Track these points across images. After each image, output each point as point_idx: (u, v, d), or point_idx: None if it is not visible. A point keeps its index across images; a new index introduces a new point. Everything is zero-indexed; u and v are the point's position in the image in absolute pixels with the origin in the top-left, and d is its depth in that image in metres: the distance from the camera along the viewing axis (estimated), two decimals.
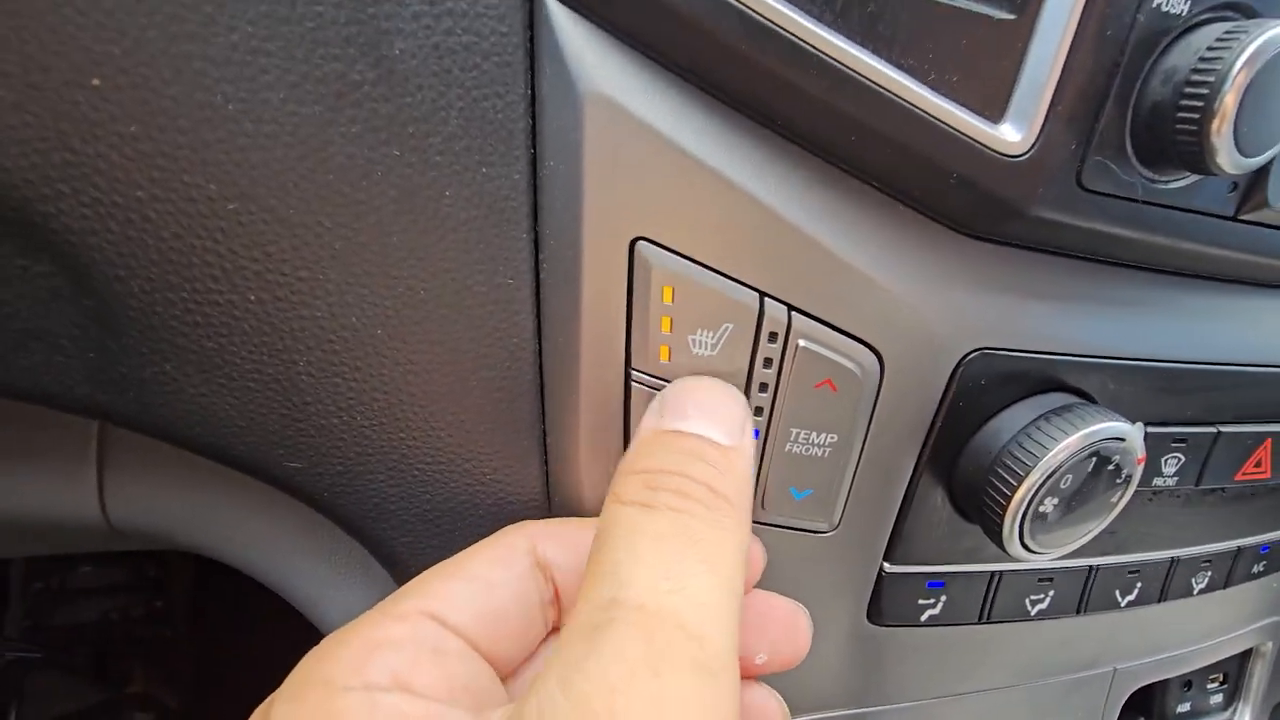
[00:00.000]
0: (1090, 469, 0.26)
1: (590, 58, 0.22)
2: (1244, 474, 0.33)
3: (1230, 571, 0.39)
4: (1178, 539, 0.37)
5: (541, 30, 0.22)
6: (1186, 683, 0.51)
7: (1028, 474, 0.26)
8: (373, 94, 0.21)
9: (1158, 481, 0.31)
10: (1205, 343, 0.30)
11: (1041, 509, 0.26)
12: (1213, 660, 0.46)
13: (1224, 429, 0.32)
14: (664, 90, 0.23)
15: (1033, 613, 0.34)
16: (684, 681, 0.18)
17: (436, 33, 0.21)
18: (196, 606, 0.91)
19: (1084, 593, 0.35)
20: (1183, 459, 0.32)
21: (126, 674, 0.81)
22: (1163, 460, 0.31)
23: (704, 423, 0.23)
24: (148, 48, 0.18)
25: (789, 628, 0.28)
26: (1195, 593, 0.39)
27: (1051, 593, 0.34)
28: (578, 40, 0.22)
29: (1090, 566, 0.35)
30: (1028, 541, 0.27)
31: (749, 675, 0.28)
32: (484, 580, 0.24)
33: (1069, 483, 0.26)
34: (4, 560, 0.82)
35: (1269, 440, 0.33)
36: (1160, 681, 0.50)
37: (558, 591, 0.25)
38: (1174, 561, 0.37)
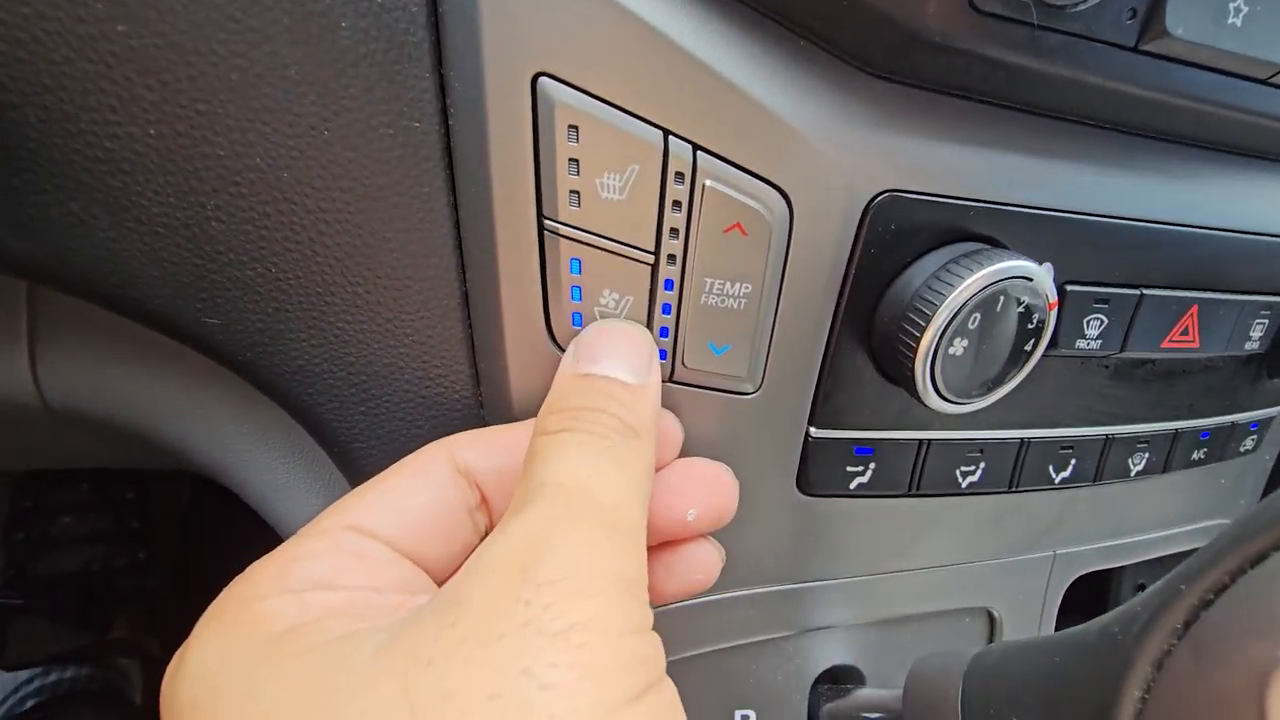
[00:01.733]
0: (999, 308, 0.27)
1: None
2: (1171, 341, 0.34)
3: (1169, 454, 0.40)
4: (1112, 415, 0.37)
5: None
6: (1139, 585, 0.52)
7: (934, 314, 0.26)
8: None
9: (1080, 344, 0.32)
10: (1124, 197, 0.30)
11: (951, 350, 0.27)
12: (1158, 554, 0.46)
13: (1148, 291, 0.32)
14: None
15: (964, 485, 0.35)
16: (596, 533, 0.20)
17: None
18: (179, 558, 0.92)
19: (1016, 467, 0.35)
20: (1105, 320, 0.32)
21: (109, 622, 0.82)
22: (1085, 322, 0.31)
23: (613, 363, 0.26)
24: None
25: (714, 484, 0.29)
26: (1133, 474, 0.39)
27: (982, 465, 0.35)
28: None
29: (1021, 439, 0.35)
30: (941, 388, 0.28)
31: (683, 535, 0.29)
32: (402, 490, 0.25)
33: (976, 322, 0.27)
34: None
35: (1195, 307, 0.34)
36: (1114, 580, 0.51)
37: (484, 495, 0.26)
38: (1109, 439, 0.37)
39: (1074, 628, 0.23)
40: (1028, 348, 0.28)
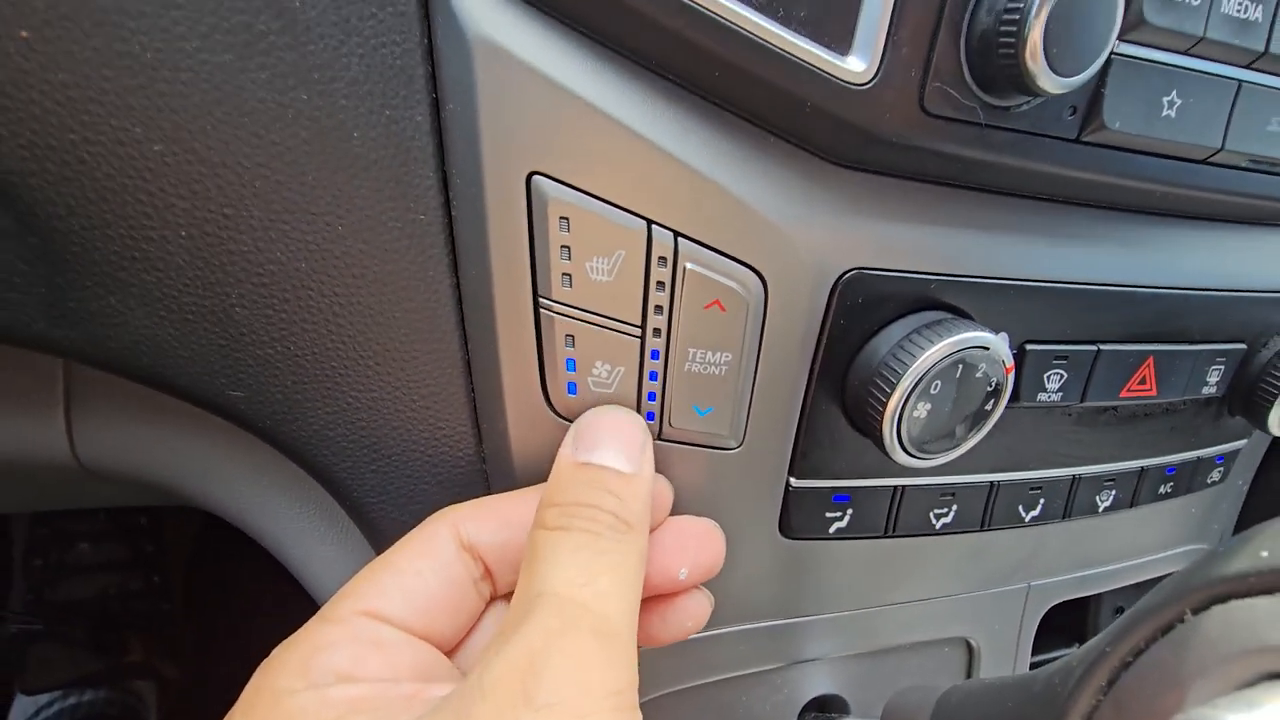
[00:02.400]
0: (959, 375, 0.29)
1: (477, 7, 0.25)
2: (1129, 391, 0.36)
3: (1136, 490, 0.42)
4: (1078, 457, 0.39)
5: None
6: (1118, 608, 0.54)
7: (899, 381, 0.28)
8: (278, 43, 0.24)
9: (1041, 397, 0.34)
10: (1077, 264, 0.33)
11: (916, 414, 0.29)
12: (1130, 582, 0.48)
13: (1104, 347, 0.34)
14: (547, 36, 0.25)
15: (938, 526, 0.37)
16: (587, 641, 0.22)
17: None
18: (192, 582, 0.95)
19: (987, 507, 0.38)
20: (1065, 375, 0.34)
21: (124, 645, 0.84)
22: (1045, 376, 0.34)
23: (609, 453, 0.27)
24: (69, 2, 0.21)
25: (704, 540, 0.31)
26: (1101, 511, 0.41)
27: (955, 507, 0.37)
28: None
29: (991, 483, 0.37)
30: (908, 446, 0.30)
31: (675, 590, 0.31)
32: (411, 571, 0.27)
33: (939, 388, 0.29)
34: (7, 538, 0.85)
35: (1151, 359, 0.36)
36: (1093, 604, 0.53)
37: (487, 567, 0.28)
38: (1075, 479, 0.39)
39: (1027, 674, 0.25)
40: (987, 408, 0.31)
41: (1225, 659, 0.17)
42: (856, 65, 0.24)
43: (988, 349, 0.29)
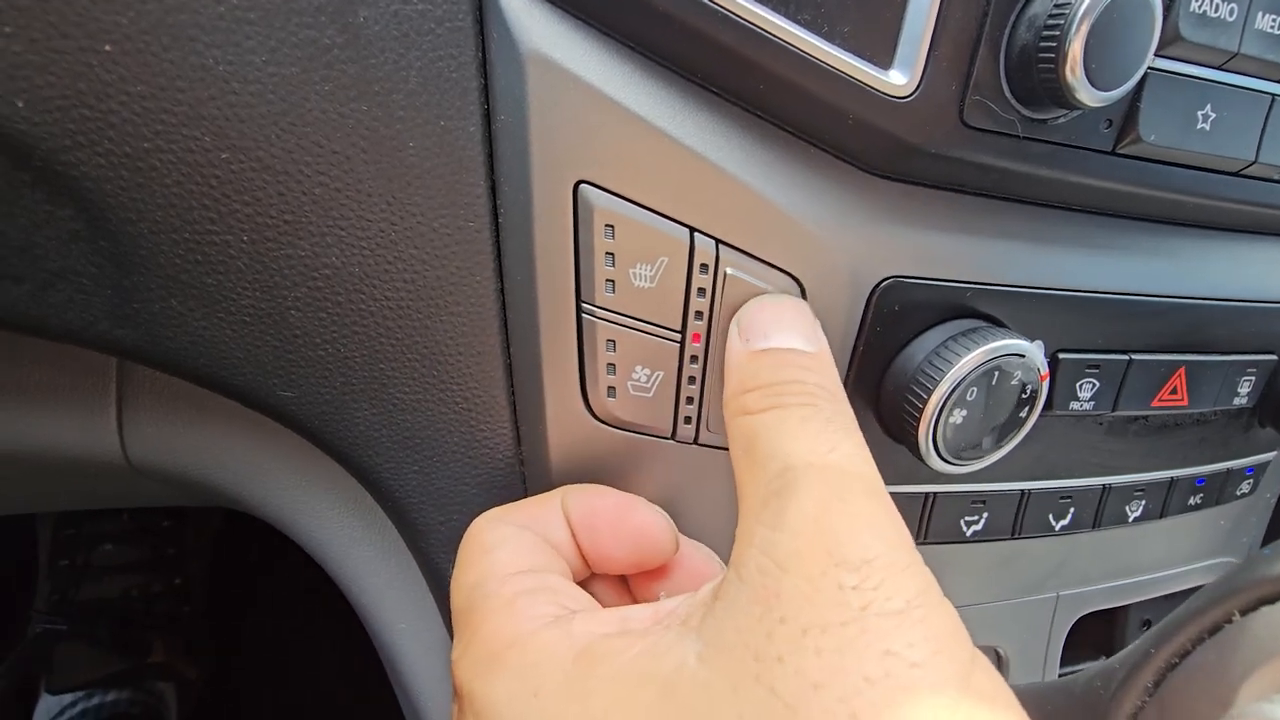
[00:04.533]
0: (994, 382, 0.29)
1: (530, 22, 0.26)
2: (1160, 401, 0.36)
3: (1166, 501, 0.42)
4: (1109, 467, 0.39)
5: None
6: (1145, 621, 0.54)
7: (935, 387, 0.29)
8: (341, 56, 0.25)
9: (1074, 405, 0.34)
10: (1110, 274, 0.33)
11: (952, 420, 0.29)
12: (1160, 593, 0.48)
13: (1136, 356, 0.35)
14: (598, 50, 0.26)
15: (968, 533, 0.37)
16: (863, 503, 0.21)
17: (396, 1, 0.25)
18: (213, 585, 0.96)
19: (1017, 516, 0.38)
20: (1097, 384, 0.34)
21: (147, 646, 0.85)
22: (1078, 385, 0.34)
23: (788, 335, 0.26)
24: (148, 17, 0.22)
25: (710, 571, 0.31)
26: (1131, 520, 0.41)
27: (985, 514, 0.37)
28: (518, 7, 0.26)
29: (1023, 491, 0.37)
30: (943, 452, 0.30)
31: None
32: (501, 554, 0.27)
33: (974, 395, 0.29)
34: (32, 538, 0.86)
35: (1182, 369, 0.36)
36: (1120, 615, 0.53)
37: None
38: (1106, 489, 0.40)
39: (1066, 678, 0.26)
40: (1022, 415, 0.31)
41: (1271, 658, 0.17)
42: (898, 79, 0.25)
43: (1023, 356, 0.29)
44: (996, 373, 0.29)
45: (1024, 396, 0.30)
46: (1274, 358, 0.39)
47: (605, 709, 0.20)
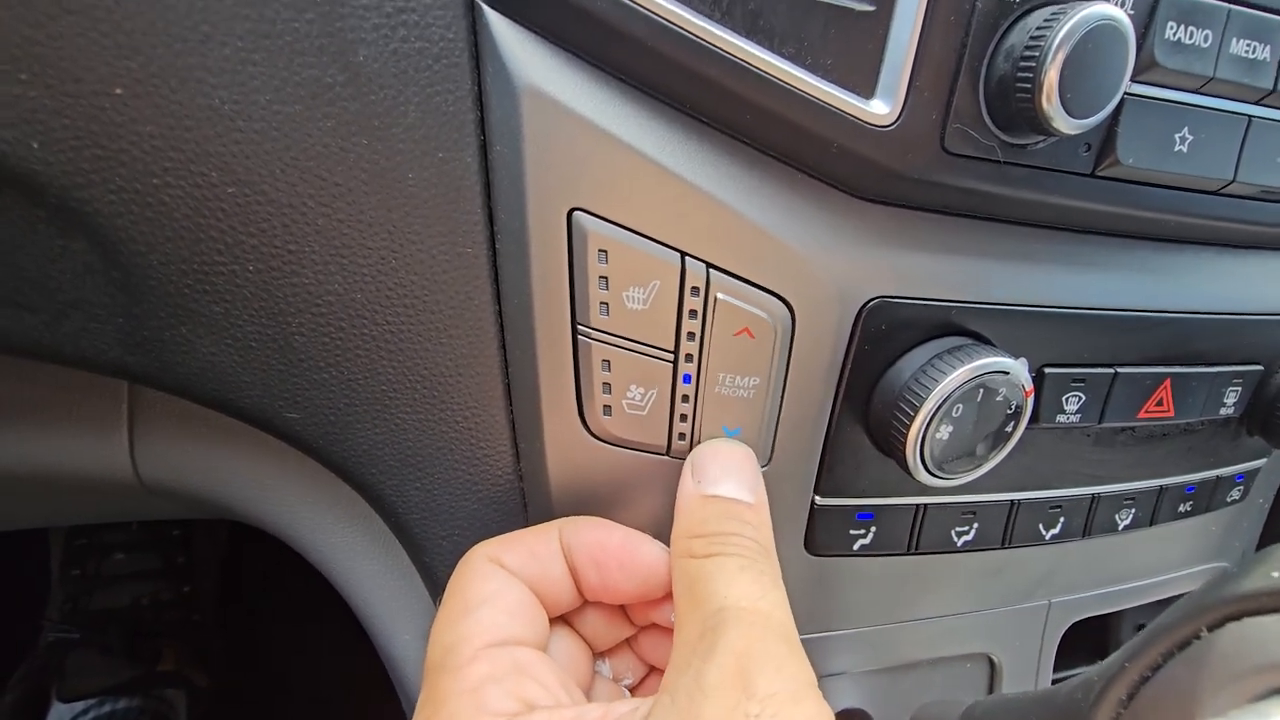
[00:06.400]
0: (979, 399, 0.30)
1: (525, 57, 0.27)
2: (1147, 413, 0.37)
3: (1155, 509, 0.43)
4: (1098, 477, 0.40)
5: (483, 35, 0.27)
6: (1139, 626, 0.54)
7: (922, 404, 0.30)
8: (343, 94, 0.26)
9: (1061, 418, 0.35)
10: (1094, 290, 0.34)
11: (938, 436, 0.30)
12: (1151, 600, 0.49)
13: (1121, 370, 0.35)
14: (589, 82, 0.27)
15: (959, 543, 0.38)
16: (778, 646, 0.25)
17: (394, 40, 0.26)
18: (221, 593, 0.97)
19: (1008, 526, 0.39)
20: (1084, 397, 0.35)
21: (157, 654, 0.86)
22: (1064, 399, 0.35)
23: (732, 485, 0.30)
24: (158, 61, 0.23)
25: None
26: (1121, 529, 0.42)
27: (976, 525, 0.38)
28: (513, 42, 0.27)
29: (1012, 501, 0.38)
30: (930, 467, 0.31)
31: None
32: (487, 597, 0.29)
33: (960, 411, 0.30)
34: (44, 548, 0.88)
35: (1168, 381, 0.37)
36: (1114, 621, 0.54)
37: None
38: (1095, 498, 0.40)
39: (1050, 688, 0.26)
40: (1008, 429, 0.32)
41: (1238, 675, 0.18)
42: (881, 108, 0.26)
43: (1008, 373, 0.30)
44: (981, 390, 0.30)
45: (1009, 412, 0.31)
46: (1260, 368, 0.40)
47: None
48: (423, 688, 0.28)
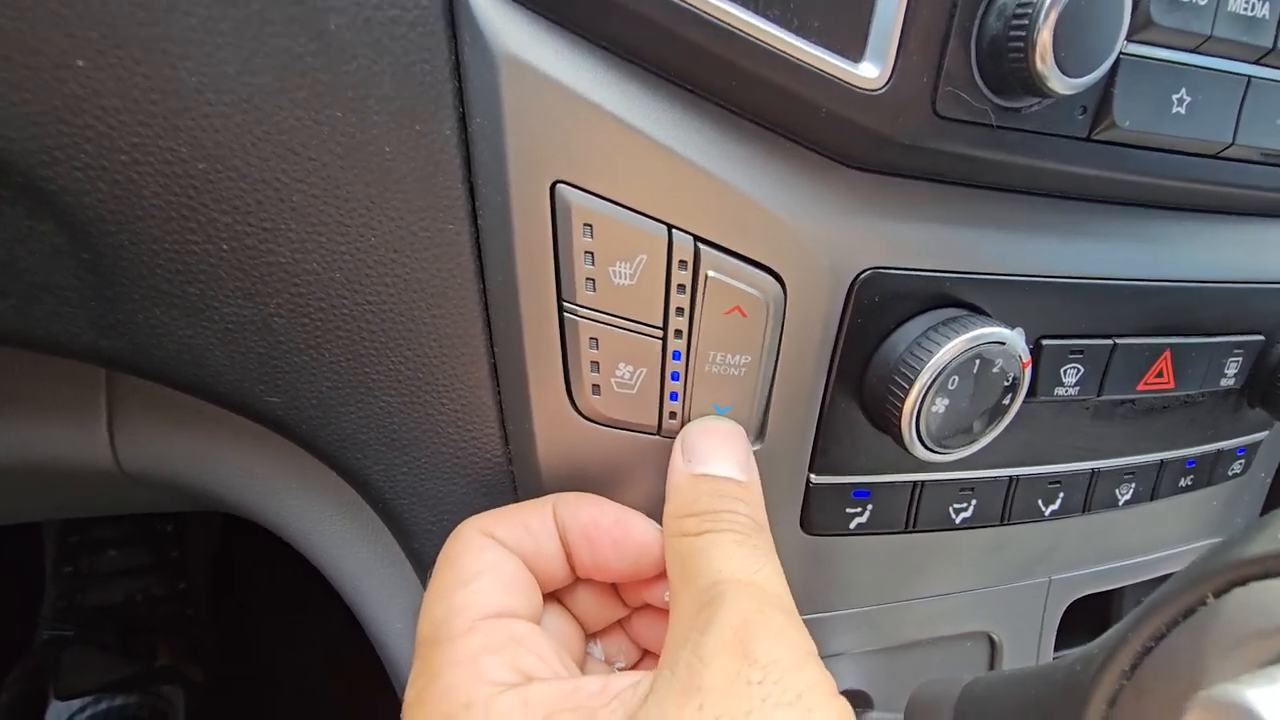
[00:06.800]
0: (975, 371, 0.30)
1: (503, 25, 0.26)
2: (1146, 384, 0.36)
3: (1156, 484, 0.42)
4: (1097, 451, 0.40)
5: (459, 3, 0.26)
6: (1138, 601, 0.54)
7: (917, 377, 0.29)
8: (314, 64, 0.25)
9: (1059, 391, 0.34)
10: (1092, 259, 0.33)
11: (934, 409, 0.30)
12: (1153, 575, 0.48)
13: (1120, 341, 0.35)
14: (570, 50, 0.26)
15: (957, 520, 0.37)
16: (781, 618, 0.25)
17: (367, 8, 0.25)
18: (215, 588, 0.97)
19: (1006, 502, 0.38)
20: (1082, 369, 0.35)
21: (153, 649, 0.86)
22: (1062, 371, 0.34)
23: (723, 464, 0.30)
24: (120, 32, 0.22)
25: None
26: (1121, 504, 0.42)
27: (974, 501, 0.37)
28: (491, 10, 0.26)
29: (1011, 477, 0.38)
30: (927, 441, 0.30)
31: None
32: (480, 569, 0.28)
33: (956, 384, 0.29)
34: (38, 545, 0.87)
35: (1168, 352, 0.36)
36: (1115, 598, 0.53)
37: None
38: (1095, 473, 0.40)
39: (1050, 664, 0.26)
40: (1005, 402, 0.31)
41: (1244, 640, 0.17)
42: (869, 72, 0.25)
43: (1004, 344, 0.29)
44: (978, 361, 0.29)
45: (1006, 384, 0.30)
46: (1261, 339, 0.39)
47: None
48: (415, 662, 0.27)
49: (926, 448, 0.31)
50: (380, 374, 0.31)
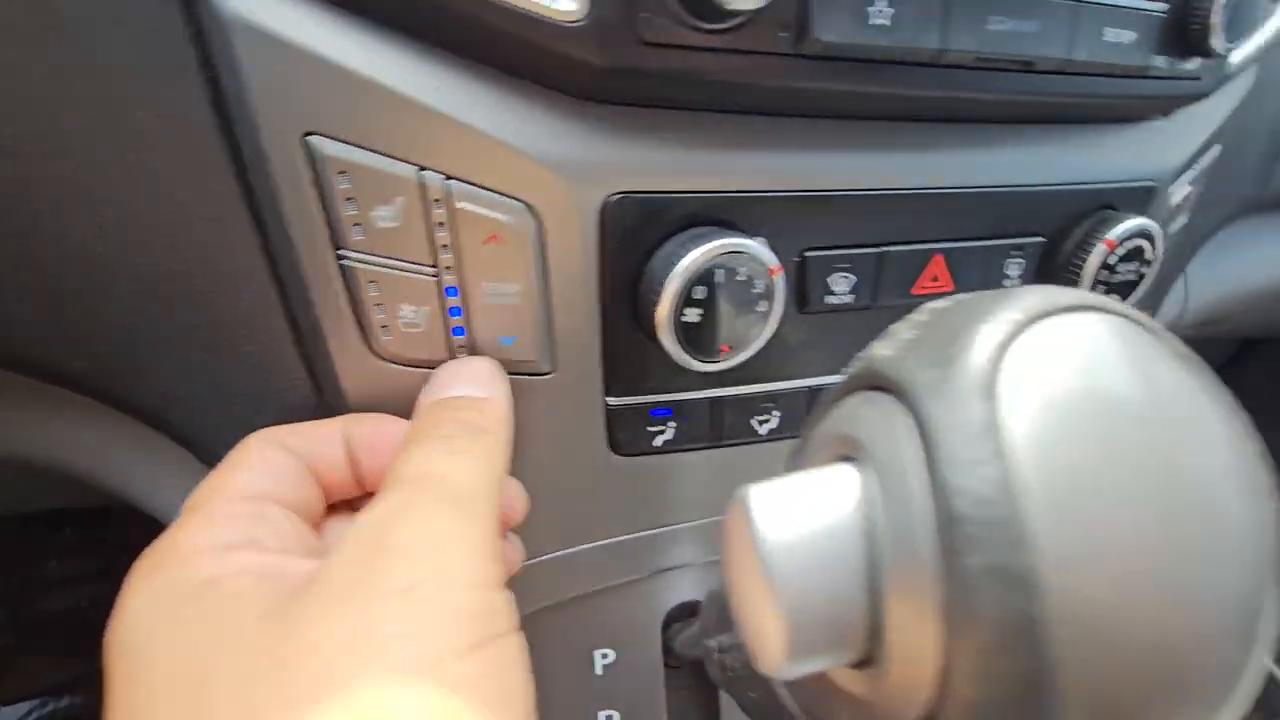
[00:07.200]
0: (723, 281, 0.32)
1: None
2: (921, 288, 0.39)
3: None
4: None
5: None
6: None
7: (664, 289, 0.31)
8: (50, 39, 0.27)
9: (831, 299, 0.37)
10: (850, 172, 0.35)
11: (686, 319, 0.32)
12: None
13: (889, 249, 0.37)
14: (299, 9, 0.28)
15: (764, 432, 0.40)
16: (441, 508, 0.24)
17: None
18: None
19: (809, 411, 0.41)
20: (854, 278, 0.37)
21: (96, 652, 0.88)
22: (829, 280, 0.37)
23: (460, 386, 0.31)
24: None
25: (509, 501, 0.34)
26: None
27: (778, 413, 0.40)
28: None
29: (809, 387, 0.40)
30: (690, 350, 0.33)
31: None
32: (254, 464, 0.29)
33: (705, 294, 0.32)
34: None
35: (939, 256, 0.39)
36: None
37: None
38: None
39: None
40: (760, 309, 0.34)
41: (826, 444, 0.20)
42: (567, 4, 0.27)
43: (743, 253, 0.32)
44: (721, 270, 0.32)
45: (757, 292, 0.33)
46: (1042, 240, 0.42)
47: (185, 625, 0.22)
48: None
49: (694, 358, 0.33)
50: (180, 335, 0.33)
